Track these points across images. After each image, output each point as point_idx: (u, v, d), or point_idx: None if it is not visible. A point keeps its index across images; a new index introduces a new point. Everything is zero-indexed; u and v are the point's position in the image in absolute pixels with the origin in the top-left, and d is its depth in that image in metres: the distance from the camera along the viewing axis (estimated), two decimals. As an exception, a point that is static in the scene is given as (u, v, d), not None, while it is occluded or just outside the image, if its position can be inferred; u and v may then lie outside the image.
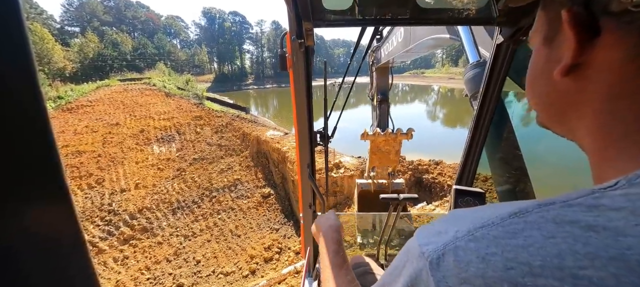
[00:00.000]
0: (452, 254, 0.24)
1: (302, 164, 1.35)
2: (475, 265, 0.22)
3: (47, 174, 0.22)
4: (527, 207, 0.24)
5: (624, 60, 0.25)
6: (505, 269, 0.21)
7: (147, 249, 7.72)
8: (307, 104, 1.14)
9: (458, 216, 0.28)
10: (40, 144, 0.21)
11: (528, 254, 0.21)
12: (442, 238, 0.26)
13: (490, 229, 0.24)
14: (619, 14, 0.24)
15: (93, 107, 16.31)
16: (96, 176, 10.41)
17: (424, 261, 0.26)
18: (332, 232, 0.78)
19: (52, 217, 0.23)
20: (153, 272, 6.95)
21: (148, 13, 64.76)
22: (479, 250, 0.23)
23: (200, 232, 8.39)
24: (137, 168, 11.15)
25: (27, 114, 0.20)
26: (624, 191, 0.21)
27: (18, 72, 0.19)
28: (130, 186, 10.04)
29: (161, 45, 55.36)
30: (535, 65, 0.34)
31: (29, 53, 0.20)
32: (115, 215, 8.66)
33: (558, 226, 0.21)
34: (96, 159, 11.44)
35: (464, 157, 1.34)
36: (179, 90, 20.39)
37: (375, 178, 2.49)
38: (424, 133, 19.15)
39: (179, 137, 13.64)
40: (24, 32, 0.19)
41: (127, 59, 46.81)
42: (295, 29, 0.89)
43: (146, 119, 15.01)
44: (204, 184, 10.33)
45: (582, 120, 0.30)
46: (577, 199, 0.22)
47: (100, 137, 12.95)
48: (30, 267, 0.21)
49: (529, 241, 0.21)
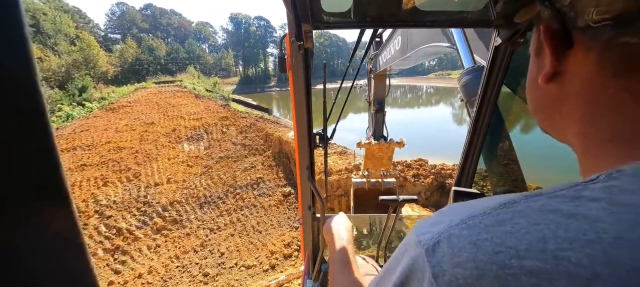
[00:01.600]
0: (446, 241, 0.26)
1: (302, 166, 1.35)
2: (468, 250, 0.24)
3: (47, 174, 0.22)
4: (515, 199, 0.26)
5: (593, 70, 0.28)
6: (494, 253, 0.23)
7: (176, 239, 8.28)
8: (306, 106, 1.14)
9: (453, 209, 0.31)
10: (40, 144, 0.21)
11: (515, 239, 0.22)
12: (437, 228, 0.28)
13: (482, 218, 0.26)
14: (584, 29, 0.28)
15: (132, 107, 17.76)
16: (134, 170, 11.35)
17: (421, 249, 0.28)
18: (343, 233, 0.80)
19: (52, 217, 0.23)
20: (181, 261, 7.45)
21: (180, 20, 69.06)
22: (471, 237, 0.25)
23: (225, 226, 8.83)
24: (169, 164, 11.97)
25: (27, 114, 0.20)
26: (603, 184, 0.24)
27: (18, 72, 0.19)
28: (163, 180, 10.81)
29: (191, 50, 58.58)
30: (530, 73, 0.38)
31: (29, 53, 0.20)
32: (149, 206, 9.39)
33: (543, 214, 0.23)
34: (134, 154, 12.46)
35: (463, 159, 1.34)
36: (207, 92, 21.53)
37: (369, 177, 2.58)
38: (449, 137, 18.43)
39: (207, 136, 14.42)
40: (24, 33, 0.19)
41: (161, 63, 50.11)
42: (294, 31, 0.89)
43: (178, 118, 16.05)
44: (228, 181, 10.84)
45: (568, 123, 0.33)
46: (561, 191, 0.25)
47: (138, 135, 14.09)
48: (31, 267, 0.21)
49: (516, 227, 0.23)
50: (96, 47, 35.16)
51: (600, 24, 0.26)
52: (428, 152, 11.06)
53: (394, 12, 0.85)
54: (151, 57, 49.00)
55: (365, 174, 2.61)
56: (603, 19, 0.25)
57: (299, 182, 1.47)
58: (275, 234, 8.41)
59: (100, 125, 15.30)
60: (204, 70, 51.93)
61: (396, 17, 0.87)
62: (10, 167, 0.20)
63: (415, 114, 32.25)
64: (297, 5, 0.78)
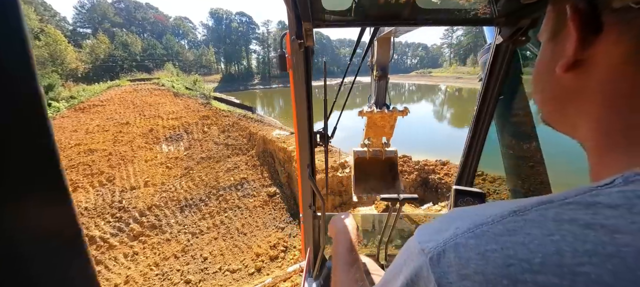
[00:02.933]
0: (452, 250, 0.24)
1: (302, 164, 1.36)
2: (476, 261, 0.22)
3: (47, 174, 0.22)
4: (526, 206, 0.24)
5: (625, 57, 0.25)
6: (505, 266, 0.21)
7: (155, 245, 7.88)
8: (307, 104, 1.14)
9: (458, 214, 0.29)
10: (40, 144, 0.21)
11: (528, 251, 0.21)
12: (442, 235, 0.26)
13: (490, 226, 0.24)
14: (620, 10, 0.25)
15: (104, 106, 16.71)
16: (107, 173, 10.68)
17: (424, 258, 0.26)
18: (347, 232, 0.79)
19: (52, 217, 0.22)
20: (161, 268, 7.09)
21: (157, 14, 65.94)
22: (479, 247, 0.23)
23: (208, 229, 8.52)
24: (147, 166, 11.38)
25: (27, 114, 0.20)
26: (621, 188, 0.22)
27: (18, 72, 0.19)
28: (140, 183, 10.26)
29: (170, 46, 56.25)
30: (541, 60, 0.34)
31: (29, 54, 0.20)
32: (125, 212, 8.87)
33: (557, 224, 0.21)
34: (107, 157, 11.72)
35: (464, 157, 1.33)
36: (187, 90, 20.70)
37: (370, 146, 2.59)
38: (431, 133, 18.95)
39: (187, 136, 13.86)
40: (24, 33, 0.19)
41: (136, 59, 47.74)
42: (295, 29, 0.89)
43: (155, 118, 15.29)
44: (211, 182, 10.48)
45: (582, 117, 0.30)
46: (575, 198, 0.23)
47: (111, 136, 13.27)
48: (31, 267, 0.21)
49: (529, 238, 0.21)
50: (63, 42, 32.83)
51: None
52: (411, 148, 11.30)
53: (394, 10, 0.84)
54: (125, 53, 46.55)
55: (366, 143, 2.56)
56: None
57: (300, 181, 1.46)
58: (260, 235, 8.23)
59: (68, 127, 14.27)
60: (183, 68, 50.03)
61: (396, 15, 0.87)
62: (10, 167, 0.20)
63: None
64: (298, 3, 0.78)
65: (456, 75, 58.61)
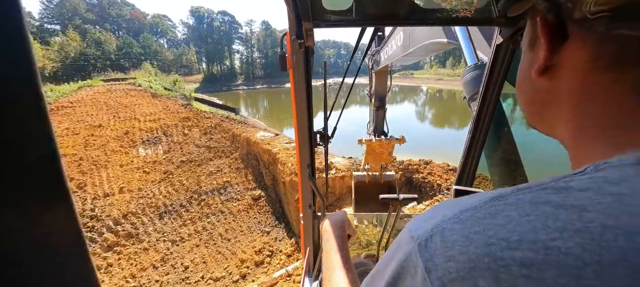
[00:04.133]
0: (439, 235, 0.26)
1: (302, 164, 1.36)
2: (460, 243, 0.24)
3: (47, 174, 0.22)
4: (506, 192, 0.26)
5: (587, 62, 0.28)
6: (486, 245, 0.23)
7: (132, 255, 7.44)
8: (307, 104, 1.14)
9: (445, 204, 0.30)
10: (40, 144, 0.21)
11: (506, 231, 0.23)
12: (430, 223, 0.28)
13: (474, 211, 0.26)
14: (580, 20, 0.27)
15: (74, 108, 15.64)
16: (78, 180, 9.97)
17: (413, 244, 0.27)
18: (335, 229, 0.77)
19: (52, 217, 0.22)
20: (139, 280, 6.70)
21: (133, 11, 63.01)
22: (464, 230, 0.25)
23: (189, 237, 8.18)
24: (122, 171, 10.75)
25: (27, 114, 0.20)
26: (591, 175, 0.24)
27: (18, 72, 0.19)
28: (114, 190, 9.67)
29: (147, 45, 53.96)
30: (522, 67, 0.38)
31: (30, 53, 0.20)
32: (97, 221, 8.31)
33: (533, 206, 0.24)
34: (78, 162, 10.95)
35: (464, 157, 1.34)
36: (166, 90, 19.86)
37: (369, 170, 2.69)
38: (414, 133, 19.39)
39: (166, 139, 13.26)
40: (25, 33, 0.19)
41: (111, 58, 45.36)
42: (295, 29, 0.89)
43: (131, 120, 14.52)
44: (192, 187, 10.08)
45: (558, 118, 0.33)
46: (551, 183, 0.25)
47: (82, 139, 12.42)
48: (31, 268, 0.21)
49: (508, 220, 0.24)
50: (28, 39, 30.49)
51: (597, 15, 0.26)
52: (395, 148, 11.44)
53: (395, 10, 0.85)
54: (99, 51, 44.14)
55: (366, 168, 2.68)
56: (600, 10, 0.26)
57: (300, 181, 1.47)
58: (245, 240, 8.00)
59: (33, 130, 13.23)
60: (162, 67, 48.18)
61: (397, 15, 0.87)
62: (10, 167, 0.20)
63: (356, 112, 33.54)
64: (298, 3, 0.79)
65: (436, 77, 60.62)
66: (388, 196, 1.29)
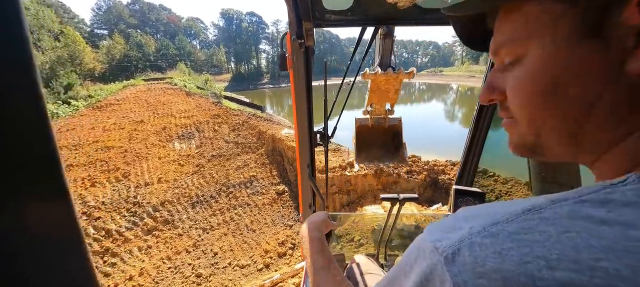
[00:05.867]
0: (467, 249, 0.24)
1: (302, 164, 1.35)
2: (492, 260, 0.22)
3: (47, 174, 0.22)
4: (540, 204, 0.24)
5: None
6: (522, 263, 0.21)
7: (168, 240, 8.13)
8: (307, 104, 1.14)
9: (470, 214, 0.28)
10: (40, 144, 0.21)
11: (544, 248, 0.21)
12: (456, 234, 0.26)
13: (505, 225, 0.24)
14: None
15: (120, 105, 17.27)
16: (123, 169, 11.06)
17: (438, 256, 0.26)
18: (311, 232, 0.73)
19: (52, 217, 0.23)
20: (174, 262, 7.32)
21: (170, 15, 67.41)
22: (495, 245, 0.23)
23: (218, 225, 8.72)
24: (160, 163, 11.71)
25: (27, 114, 0.20)
26: (634, 186, 0.22)
27: (18, 72, 0.19)
28: (154, 180, 10.58)
29: (182, 46, 57.40)
30: (550, 71, 0.27)
31: (29, 53, 0.20)
32: (139, 207, 9.17)
33: (572, 221, 0.22)
34: (123, 154, 12.14)
35: (464, 157, 1.34)
36: (198, 89, 21.12)
37: (372, 113, 2.47)
38: (441, 133, 18.64)
39: (198, 134, 14.16)
40: (25, 32, 0.19)
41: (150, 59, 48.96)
42: (295, 29, 0.89)
43: (168, 117, 15.70)
44: (221, 179, 10.69)
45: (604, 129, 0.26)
46: (589, 195, 0.23)
47: (127, 133, 13.72)
48: (30, 267, 0.22)
49: (545, 236, 0.22)
50: (82, 43, 34.00)
51: None
52: (420, 148, 11.18)
53: (394, 9, 0.83)
54: (140, 53, 47.81)
55: (369, 110, 2.46)
56: None
57: (300, 181, 1.46)
58: (269, 232, 8.35)
59: (86, 124, 14.83)
60: (194, 67, 51.00)
61: (397, 15, 0.87)
62: (10, 167, 0.19)
63: (407, 110, 32.56)
64: (299, 3, 0.78)
65: (468, 74, 57.27)
66: (388, 195, 1.29)
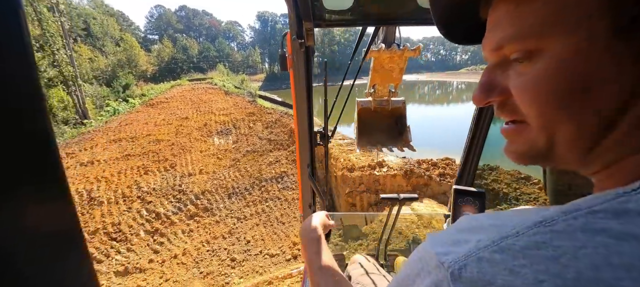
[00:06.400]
0: (475, 265, 0.23)
1: (302, 164, 1.33)
2: (503, 277, 0.21)
3: (47, 173, 0.22)
4: (552, 216, 0.23)
5: None
6: (537, 282, 0.20)
7: (207, 225, 8.90)
8: (307, 103, 1.13)
9: (475, 224, 0.27)
10: (40, 144, 0.21)
11: (560, 265, 0.19)
12: (462, 248, 0.25)
13: (515, 239, 0.22)
14: None
15: (168, 103, 19.12)
16: (170, 161, 12.31)
17: (444, 272, 0.24)
18: (312, 232, 0.73)
19: (52, 217, 0.22)
20: (211, 246, 8.01)
21: (211, 20, 72.37)
22: (506, 262, 0.22)
23: (251, 216, 9.29)
24: (201, 156, 12.79)
25: (27, 114, 0.20)
26: None
27: (18, 72, 0.19)
28: (196, 171, 11.60)
29: (221, 48, 61.11)
30: (579, 72, 0.24)
31: (29, 53, 0.20)
32: (183, 195, 10.15)
33: (588, 235, 0.20)
34: (171, 146, 13.48)
35: (464, 157, 1.31)
36: (235, 88, 22.44)
37: (375, 95, 2.34)
38: (479, 135, 17.38)
39: (235, 131, 15.12)
40: (25, 32, 0.19)
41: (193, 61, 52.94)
42: (296, 29, 0.88)
43: (208, 114, 17.00)
44: (254, 174, 11.33)
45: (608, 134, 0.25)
46: (602, 205, 0.21)
47: (174, 128, 15.19)
48: (30, 267, 0.21)
49: (559, 251, 0.20)
50: (137, 48, 38.12)
51: None
52: (456, 150, 10.62)
53: (395, 9, 0.84)
54: (185, 56, 51.97)
55: (371, 92, 2.34)
56: None
57: (300, 181, 1.43)
58: (297, 226, 8.68)
59: (141, 120, 16.71)
60: (232, 68, 54.03)
61: (397, 15, 0.87)
62: (10, 168, 0.19)
63: (444, 111, 30.91)
64: (299, 3, 0.77)
65: (514, 73, 52.16)
66: (388, 196, 1.26)
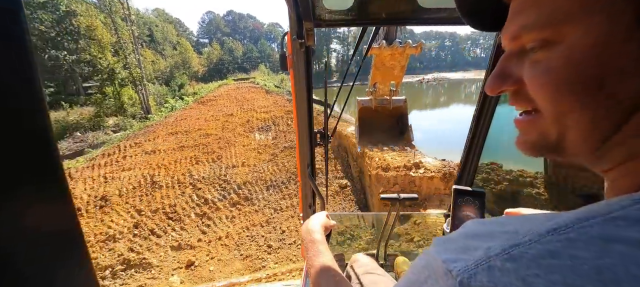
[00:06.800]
0: (485, 274, 0.21)
1: (302, 164, 1.33)
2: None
3: (47, 173, 0.21)
4: (566, 223, 0.21)
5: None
6: None
7: (247, 213, 9.67)
8: (307, 103, 1.13)
9: (484, 230, 0.26)
10: (40, 143, 0.21)
11: (576, 276, 0.18)
12: (471, 255, 0.23)
13: (527, 247, 0.21)
14: None
15: (216, 101, 20.94)
16: (217, 153, 13.56)
17: (453, 281, 0.23)
18: (312, 232, 0.75)
19: (52, 217, 0.22)
20: (250, 232, 8.71)
21: (254, 23, 76.56)
22: (518, 271, 0.20)
23: (286, 208, 9.82)
24: (243, 150, 13.83)
25: (27, 114, 0.20)
26: None
27: (18, 72, 0.19)
28: (238, 163, 12.61)
29: (263, 49, 64.20)
30: (599, 62, 0.22)
31: (30, 53, 0.20)
32: (227, 184, 11.14)
33: (605, 244, 0.19)
34: (218, 140, 14.83)
35: (464, 157, 1.31)
36: (275, 88, 23.59)
37: (376, 94, 2.29)
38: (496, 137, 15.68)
39: (274, 127, 15.98)
40: (25, 32, 0.19)
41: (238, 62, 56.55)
42: (296, 29, 0.88)
43: (251, 111, 18.22)
44: (291, 168, 11.89)
45: None
46: (619, 211, 0.20)
47: (221, 124, 16.63)
48: (30, 267, 0.21)
49: (575, 261, 0.18)
50: (190, 51, 42.21)
51: None
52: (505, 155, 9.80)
53: (395, 9, 0.84)
54: (230, 57, 55.80)
55: (372, 90, 2.32)
56: None
57: (300, 181, 1.44)
58: (330, 221, 8.95)
59: (193, 115, 18.60)
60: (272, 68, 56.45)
61: (398, 15, 0.87)
62: (10, 168, 0.19)
63: (460, 111, 28.37)
64: (299, 3, 0.78)
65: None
66: (388, 196, 1.27)
